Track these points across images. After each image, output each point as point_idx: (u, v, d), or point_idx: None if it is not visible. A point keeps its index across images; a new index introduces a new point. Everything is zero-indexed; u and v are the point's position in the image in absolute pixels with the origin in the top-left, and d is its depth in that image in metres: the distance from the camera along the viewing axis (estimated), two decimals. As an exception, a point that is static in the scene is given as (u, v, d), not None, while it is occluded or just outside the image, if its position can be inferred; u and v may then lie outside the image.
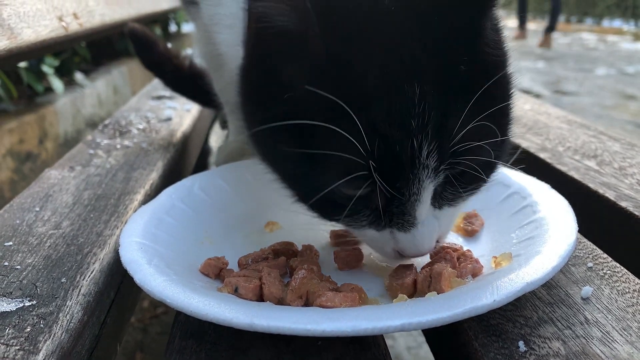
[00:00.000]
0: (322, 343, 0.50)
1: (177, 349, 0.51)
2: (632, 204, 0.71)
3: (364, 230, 0.57)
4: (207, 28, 0.85)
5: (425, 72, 0.50)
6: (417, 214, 0.54)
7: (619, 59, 7.12)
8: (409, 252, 0.57)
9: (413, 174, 0.51)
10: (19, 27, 0.86)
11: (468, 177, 0.55)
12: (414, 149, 0.49)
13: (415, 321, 0.45)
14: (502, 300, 0.47)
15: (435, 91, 0.49)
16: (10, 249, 0.67)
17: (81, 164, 0.98)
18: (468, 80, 0.51)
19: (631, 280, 0.57)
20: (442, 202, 0.57)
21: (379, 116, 0.49)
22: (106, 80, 2.96)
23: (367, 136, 0.49)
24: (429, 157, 0.50)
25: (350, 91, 0.50)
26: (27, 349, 0.49)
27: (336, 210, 0.56)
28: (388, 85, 0.49)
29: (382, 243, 0.58)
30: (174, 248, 0.65)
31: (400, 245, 0.57)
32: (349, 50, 0.50)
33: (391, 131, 0.49)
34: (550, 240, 0.57)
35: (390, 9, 0.50)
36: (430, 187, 0.53)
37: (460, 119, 0.50)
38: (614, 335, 0.49)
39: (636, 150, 0.91)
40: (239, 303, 0.51)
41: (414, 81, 0.49)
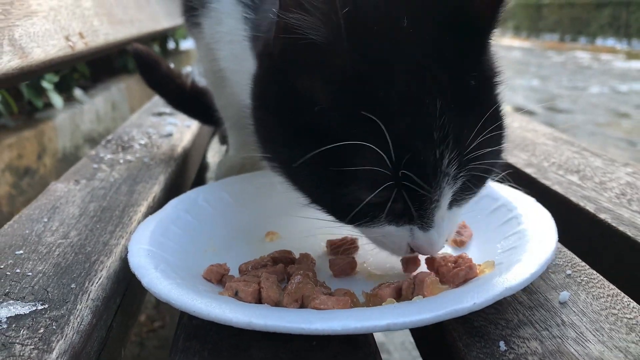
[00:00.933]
0: (317, 343, 0.54)
1: (181, 349, 0.55)
2: (610, 216, 0.76)
3: (383, 227, 0.60)
4: (209, 46, 0.89)
5: (444, 88, 0.54)
6: (435, 217, 0.58)
7: (612, 77, 7.21)
8: (424, 250, 0.61)
9: (436, 182, 0.55)
10: (29, 46, 0.90)
11: (477, 180, 0.59)
12: (436, 159, 0.54)
13: (400, 321, 0.48)
14: (482, 303, 0.51)
15: (453, 105, 0.54)
16: (21, 257, 0.71)
17: (86, 177, 1.02)
18: (478, 93, 0.57)
19: (606, 286, 0.61)
20: (452, 204, 0.60)
21: (404, 129, 0.53)
22: (105, 97, 3.00)
23: (394, 149, 0.52)
24: (450, 165, 0.54)
25: (376, 106, 0.53)
26: (41, 348, 0.53)
27: (356, 214, 0.58)
28: (411, 100, 0.54)
29: (399, 238, 0.61)
30: (179, 255, 0.68)
31: (416, 242, 0.60)
32: (374, 67, 0.54)
33: (416, 143, 0.53)
34: (530, 250, 0.61)
35: (408, 30, 0.55)
36: (449, 193, 0.57)
37: (475, 128, 0.54)
38: (587, 336, 0.53)
39: (616, 165, 0.95)
40: (238, 305, 0.55)
41: (435, 96, 0.53)
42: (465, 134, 0.54)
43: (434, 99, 0.53)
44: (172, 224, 0.74)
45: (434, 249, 0.61)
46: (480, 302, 0.51)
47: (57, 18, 1.06)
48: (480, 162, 0.56)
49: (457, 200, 0.61)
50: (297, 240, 0.75)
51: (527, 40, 13.12)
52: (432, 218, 0.58)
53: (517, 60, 9.41)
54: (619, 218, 0.75)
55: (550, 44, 12.02)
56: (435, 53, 0.55)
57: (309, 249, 0.72)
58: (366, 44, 0.54)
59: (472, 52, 0.58)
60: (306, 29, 0.53)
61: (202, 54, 0.99)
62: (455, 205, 0.61)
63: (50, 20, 1.03)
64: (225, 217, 0.81)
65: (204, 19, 0.86)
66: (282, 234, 0.79)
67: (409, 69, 0.54)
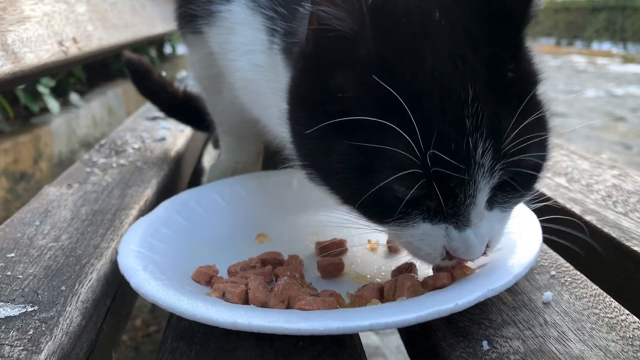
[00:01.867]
0: (302, 343, 0.54)
1: (169, 350, 0.55)
2: (595, 217, 0.77)
3: (417, 226, 0.56)
4: (211, 54, 0.89)
5: (477, 76, 0.52)
6: (471, 215, 0.55)
7: (608, 81, 7.23)
8: (461, 252, 0.56)
9: (469, 173, 0.52)
10: (22, 51, 0.91)
11: (522, 179, 0.56)
12: (469, 148, 0.51)
13: (383, 321, 0.49)
14: (464, 304, 0.52)
15: (487, 94, 0.52)
16: (13, 260, 0.71)
17: (78, 181, 1.03)
18: (515, 86, 0.54)
19: (589, 287, 0.62)
20: (493, 205, 0.57)
21: (433, 114, 0.51)
22: (101, 101, 3.00)
23: (421, 133, 0.50)
24: (484, 155, 0.51)
25: (403, 91, 0.51)
26: (30, 349, 0.53)
27: (387, 210, 0.56)
28: (441, 86, 0.52)
29: (434, 239, 0.57)
30: (169, 257, 0.69)
31: (452, 244, 0.56)
32: (401, 54, 0.53)
33: (447, 129, 0.51)
34: (515, 253, 0.62)
35: (439, 21, 0.54)
36: (485, 189, 0.53)
37: (512, 120, 0.52)
38: (568, 335, 0.53)
39: (603, 168, 0.97)
40: (224, 305, 0.56)
41: (467, 83, 0.51)
42: (502, 125, 0.52)
43: (466, 85, 0.51)
44: (163, 225, 0.75)
45: (471, 251, 0.56)
46: (462, 303, 0.52)
47: (50, 23, 1.07)
48: (520, 156, 0.53)
49: (501, 202, 0.58)
50: (286, 242, 0.76)
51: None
52: (467, 216, 0.54)
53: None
54: (603, 219, 0.76)
55: (546, 48, 12.05)
56: (468, 43, 0.54)
57: (298, 250, 0.73)
58: (392, 32, 0.54)
59: (507, 46, 0.55)
60: (334, 20, 0.54)
61: (198, 60, 1.00)
62: (499, 207, 0.58)
63: (43, 26, 1.04)
64: (217, 219, 0.82)
65: (208, 28, 0.86)
66: (273, 236, 0.80)
67: (438, 56, 0.53)
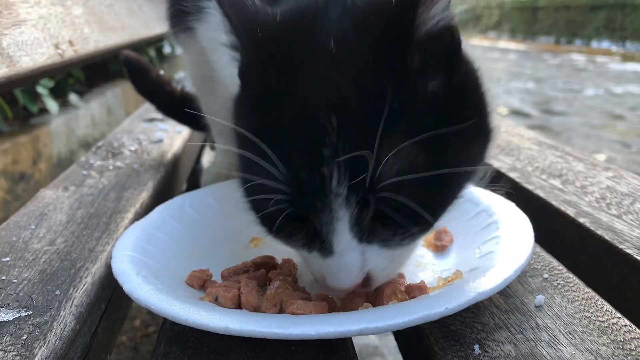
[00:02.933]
0: (295, 348, 0.55)
1: (162, 354, 0.56)
2: (589, 220, 0.77)
3: (299, 249, 0.59)
4: (203, 52, 0.89)
5: (346, 104, 0.50)
6: (333, 243, 0.54)
7: (607, 79, 7.23)
8: (328, 280, 0.57)
9: (323, 202, 0.51)
10: (17, 55, 0.91)
11: (402, 214, 0.53)
12: (323, 177, 0.50)
13: (373, 326, 0.49)
14: (454, 308, 0.52)
15: (356, 124, 0.50)
16: (7, 264, 0.72)
17: (75, 184, 1.03)
18: (395, 116, 0.50)
19: (581, 290, 0.62)
20: (372, 239, 0.55)
21: (291, 145, 0.52)
22: (100, 102, 3.00)
23: (282, 164, 0.51)
24: (340, 185, 0.50)
25: (273, 120, 0.53)
26: (23, 355, 0.53)
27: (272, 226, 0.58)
28: (304, 114, 0.51)
29: (313, 265, 0.59)
30: (163, 261, 0.69)
31: (322, 272, 0.57)
32: (279, 81, 0.54)
33: (300, 159, 0.51)
34: (506, 256, 0.62)
35: (331, 51, 0.52)
36: (345, 217, 0.52)
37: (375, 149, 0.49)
38: (560, 339, 0.54)
39: (597, 170, 0.97)
40: (216, 310, 0.56)
41: (331, 111, 0.50)
42: (368, 157, 0.49)
43: (328, 114, 0.50)
44: (157, 230, 0.75)
45: (334, 279, 0.56)
46: (453, 307, 0.52)
47: (46, 26, 1.07)
48: (387, 193, 0.51)
49: (381, 237, 0.55)
50: (280, 246, 0.76)
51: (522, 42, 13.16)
52: (330, 244, 0.54)
53: (513, 62, 9.44)
54: (597, 222, 0.76)
55: (546, 47, 12.06)
56: (352, 73, 0.51)
57: (292, 253, 0.73)
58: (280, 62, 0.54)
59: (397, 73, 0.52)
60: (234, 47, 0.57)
61: (191, 59, 1.00)
62: (379, 243, 0.55)
63: (39, 29, 1.04)
64: (211, 223, 0.82)
65: (199, 24, 0.86)
66: (267, 239, 0.80)
67: (310, 83, 0.52)
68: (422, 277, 0.68)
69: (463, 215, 0.77)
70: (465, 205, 0.78)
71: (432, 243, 0.76)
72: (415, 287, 0.60)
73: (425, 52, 0.53)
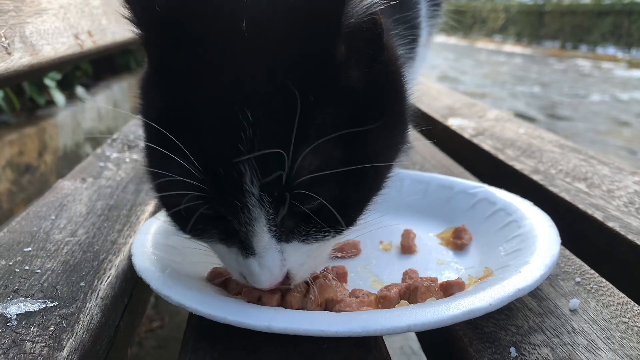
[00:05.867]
0: (327, 346, 0.54)
1: (191, 350, 0.55)
2: (618, 224, 0.76)
3: (214, 244, 0.56)
4: None
5: (261, 98, 0.47)
6: (253, 243, 0.52)
7: (613, 85, 7.23)
8: (249, 279, 0.55)
9: (240, 201, 0.49)
10: (39, 44, 0.90)
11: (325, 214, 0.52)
12: (240, 175, 0.47)
13: (420, 322, 0.49)
14: (497, 304, 0.52)
15: (272, 119, 0.47)
16: (30, 254, 0.71)
17: (92, 175, 1.02)
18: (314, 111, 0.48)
19: (615, 295, 0.61)
20: (292, 237, 0.53)
21: (206, 140, 0.48)
22: (106, 95, 3.00)
23: (196, 160, 0.47)
24: (254, 184, 0.48)
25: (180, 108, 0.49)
26: (51, 346, 0.53)
27: (185, 224, 0.54)
28: (218, 108, 0.48)
29: (230, 262, 0.56)
30: (181, 258, 0.68)
31: (242, 270, 0.55)
32: (184, 64, 0.49)
33: (217, 154, 0.48)
34: (536, 252, 0.62)
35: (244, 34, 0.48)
36: (261, 218, 0.50)
37: (290, 146, 0.47)
38: (598, 344, 0.53)
39: (624, 174, 0.96)
40: (255, 308, 0.55)
41: (246, 106, 0.46)
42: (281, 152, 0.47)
43: (243, 108, 0.46)
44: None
45: (255, 279, 0.54)
46: (496, 303, 0.52)
47: (66, 16, 1.06)
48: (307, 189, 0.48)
49: (302, 234, 0.53)
50: None
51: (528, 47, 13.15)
52: (249, 244, 0.52)
53: (518, 66, 9.43)
54: (627, 226, 0.75)
55: (552, 51, 12.05)
56: (265, 60, 0.48)
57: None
58: (185, 43, 0.50)
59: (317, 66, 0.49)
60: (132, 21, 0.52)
61: None
62: (298, 239, 0.54)
63: (60, 18, 1.03)
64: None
65: None
66: None
67: (224, 75, 0.48)
68: (447, 275, 0.68)
69: (479, 214, 0.78)
70: (481, 204, 0.78)
71: (452, 241, 0.75)
72: (453, 283, 0.59)
73: (351, 41, 0.50)
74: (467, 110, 1.59)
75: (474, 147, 1.20)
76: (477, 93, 6.15)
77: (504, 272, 0.61)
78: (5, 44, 0.80)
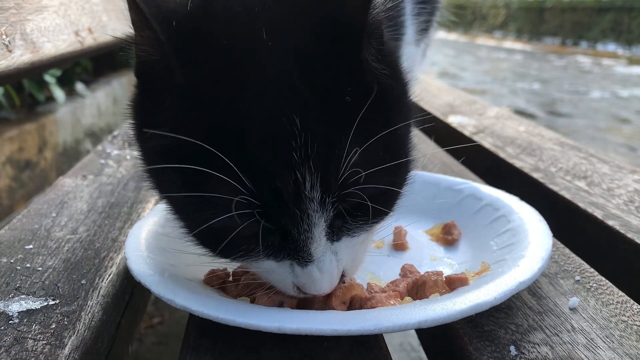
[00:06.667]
0: (327, 344, 0.54)
1: (192, 347, 0.55)
2: (618, 222, 0.76)
3: (262, 262, 0.54)
4: None
5: (306, 104, 0.47)
6: (311, 250, 0.51)
7: (613, 82, 7.21)
8: (308, 289, 0.54)
9: (300, 209, 0.48)
10: (40, 41, 0.90)
11: (364, 209, 0.52)
12: (298, 182, 0.47)
13: (431, 318, 0.50)
14: (502, 297, 0.53)
15: (319, 123, 0.47)
16: (31, 252, 0.71)
17: (93, 173, 1.02)
18: (352, 110, 0.49)
19: (615, 293, 0.62)
20: (341, 234, 0.54)
21: (256, 149, 0.47)
22: (106, 91, 3.00)
23: (243, 173, 0.46)
24: (313, 189, 0.48)
25: (219, 127, 0.47)
26: (53, 344, 0.53)
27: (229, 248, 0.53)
28: (263, 118, 0.47)
29: (282, 276, 0.55)
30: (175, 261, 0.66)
31: (299, 281, 0.54)
32: (216, 84, 0.48)
33: (271, 164, 0.47)
34: (530, 246, 0.63)
35: (267, 43, 0.49)
36: (321, 223, 0.50)
37: (344, 148, 0.47)
38: (597, 342, 0.53)
39: (624, 172, 0.96)
40: (264, 309, 0.55)
41: (294, 113, 0.47)
42: (334, 156, 0.48)
43: (292, 116, 0.46)
44: (162, 228, 0.72)
45: (317, 286, 0.53)
46: (501, 296, 0.53)
47: (67, 13, 1.06)
48: (356, 187, 0.49)
49: (349, 229, 0.54)
50: None
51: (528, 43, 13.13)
52: (307, 251, 0.51)
53: (518, 63, 9.42)
54: (627, 225, 0.75)
55: (552, 48, 12.03)
56: (298, 67, 0.48)
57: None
58: (206, 58, 0.49)
59: (346, 66, 0.50)
60: (143, 47, 0.50)
61: None
62: (347, 235, 0.54)
63: (60, 15, 1.03)
64: None
65: None
66: None
67: (262, 84, 0.48)
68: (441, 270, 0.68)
69: (466, 210, 0.79)
70: (467, 200, 0.79)
71: (442, 237, 0.76)
72: (455, 278, 0.60)
73: (369, 40, 0.51)
74: (468, 107, 1.59)
75: (475, 144, 1.20)
76: (477, 90, 6.14)
77: (501, 266, 0.62)
78: (6, 42, 0.80)
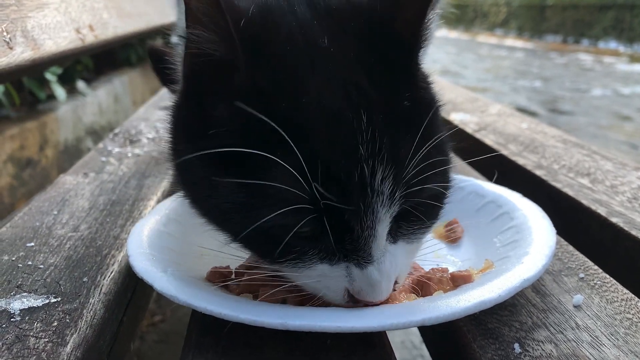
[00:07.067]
0: (330, 342, 0.54)
1: (195, 345, 0.55)
2: (622, 219, 0.76)
3: (314, 267, 0.51)
4: None
5: (371, 103, 0.49)
6: (372, 249, 0.50)
7: (615, 80, 7.20)
8: (365, 293, 0.51)
9: (365, 203, 0.47)
10: (41, 38, 0.90)
11: (424, 208, 0.52)
12: (364, 176, 0.47)
13: (434, 316, 0.49)
14: (506, 294, 0.52)
15: (384, 121, 0.48)
16: (33, 249, 0.71)
17: (94, 170, 1.02)
18: (412, 114, 0.50)
19: (619, 291, 0.61)
20: (398, 237, 0.53)
21: (320, 144, 0.47)
22: (107, 90, 2.99)
23: (307, 165, 0.46)
24: (384, 183, 0.47)
25: (285, 121, 0.47)
26: (55, 341, 0.53)
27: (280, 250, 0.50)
28: (329, 114, 0.48)
29: (334, 281, 0.52)
30: (177, 257, 0.66)
31: (354, 285, 0.51)
32: (281, 82, 0.49)
33: (336, 158, 0.47)
34: (534, 243, 0.62)
35: (329, 48, 0.51)
36: (386, 219, 0.49)
37: (412, 147, 0.48)
38: (602, 340, 0.53)
39: (627, 169, 0.95)
40: (267, 306, 0.54)
41: (360, 110, 0.48)
42: (402, 152, 0.48)
43: (359, 112, 0.47)
44: (164, 226, 0.72)
45: (376, 291, 0.50)
46: (505, 294, 0.52)
47: (68, 10, 1.06)
48: (423, 185, 0.49)
49: (406, 233, 0.53)
50: None
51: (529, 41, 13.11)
52: (368, 251, 0.49)
53: (520, 61, 9.41)
54: (631, 222, 0.75)
55: (553, 46, 12.01)
56: (361, 70, 0.50)
57: None
58: (271, 59, 0.49)
59: (401, 73, 0.52)
60: (205, 44, 0.50)
61: None
62: (404, 239, 0.53)
63: (61, 12, 1.03)
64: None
65: None
66: None
67: (327, 83, 0.49)
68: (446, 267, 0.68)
69: (469, 207, 0.78)
70: (470, 197, 0.79)
71: (445, 234, 0.76)
72: (460, 276, 0.60)
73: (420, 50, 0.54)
74: (470, 105, 1.58)
75: (477, 142, 1.20)
76: (478, 87, 6.13)
77: (504, 263, 0.61)
78: (7, 39, 0.80)
